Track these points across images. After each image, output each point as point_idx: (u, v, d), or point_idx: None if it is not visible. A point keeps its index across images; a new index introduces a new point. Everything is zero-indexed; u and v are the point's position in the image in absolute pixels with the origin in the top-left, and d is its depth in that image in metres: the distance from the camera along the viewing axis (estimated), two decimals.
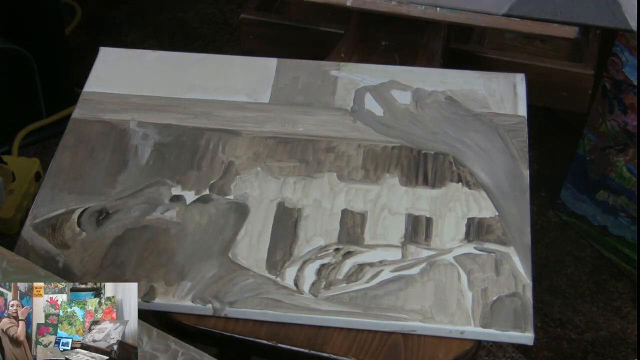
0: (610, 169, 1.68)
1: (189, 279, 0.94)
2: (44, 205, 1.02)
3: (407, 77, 1.16)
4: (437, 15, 1.18)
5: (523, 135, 1.08)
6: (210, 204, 1.02)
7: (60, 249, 0.98)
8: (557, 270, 1.77)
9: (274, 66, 1.18)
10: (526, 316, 0.91)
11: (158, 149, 1.08)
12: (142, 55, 1.21)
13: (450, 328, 0.91)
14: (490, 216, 1.00)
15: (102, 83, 1.16)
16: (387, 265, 0.95)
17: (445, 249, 0.97)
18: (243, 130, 1.10)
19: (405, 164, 1.06)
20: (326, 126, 1.10)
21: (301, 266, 0.96)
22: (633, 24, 1.12)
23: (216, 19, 2.35)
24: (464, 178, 1.04)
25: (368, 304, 0.92)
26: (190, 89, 1.15)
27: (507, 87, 1.14)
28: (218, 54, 1.23)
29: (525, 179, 1.04)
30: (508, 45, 1.47)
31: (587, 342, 1.65)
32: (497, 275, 0.94)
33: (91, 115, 1.12)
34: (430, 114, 1.12)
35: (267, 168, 1.06)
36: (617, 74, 1.58)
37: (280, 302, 0.92)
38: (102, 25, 2.33)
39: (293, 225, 1.00)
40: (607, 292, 1.73)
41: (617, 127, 1.63)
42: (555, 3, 1.14)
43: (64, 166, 1.06)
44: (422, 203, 1.02)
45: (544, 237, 1.82)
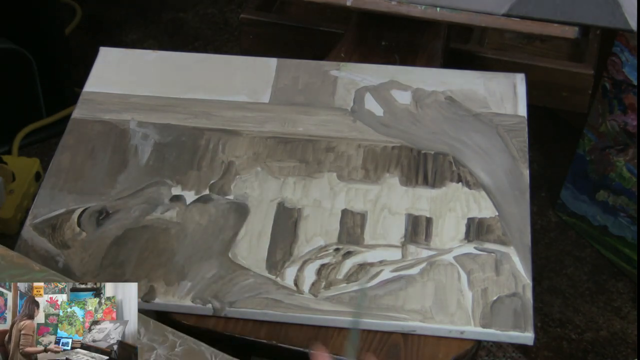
0: (610, 169, 1.68)
1: (189, 279, 0.94)
2: (44, 205, 1.02)
3: (407, 77, 1.16)
4: (437, 15, 1.18)
5: (523, 135, 1.08)
6: (210, 204, 1.02)
7: (60, 249, 0.98)
8: (557, 270, 1.77)
9: (274, 66, 1.18)
10: (526, 316, 0.91)
11: (158, 149, 1.08)
12: (142, 55, 1.21)
13: (450, 328, 0.91)
14: (490, 216, 1.00)
15: (102, 83, 1.16)
16: (387, 265, 0.95)
17: (445, 249, 0.97)
18: (243, 130, 1.10)
19: (405, 164, 1.06)
20: (326, 126, 1.10)
21: (301, 266, 0.96)
22: (633, 24, 1.12)
23: (216, 19, 2.35)
24: (464, 178, 1.04)
25: (368, 304, 0.92)
26: (190, 89, 1.15)
27: (507, 87, 1.14)
28: (218, 54, 1.23)
29: (525, 179, 1.04)
30: (508, 45, 1.47)
31: (587, 342, 1.65)
32: (497, 275, 0.94)
33: (91, 115, 1.12)
34: (430, 114, 1.12)
35: (267, 168, 1.06)
36: (617, 74, 1.58)
37: (280, 302, 0.92)
38: (102, 25, 2.33)
39: (293, 225, 1.00)
40: (607, 292, 1.73)
41: (617, 127, 1.63)
42: (555, 3, 1.14)
43: (64, 166, 1.06)
44: (422, 203, 1.01)
45: (544, 237, 1.82)
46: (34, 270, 0.87)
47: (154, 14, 2.36)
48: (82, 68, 1.36)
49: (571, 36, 1.15)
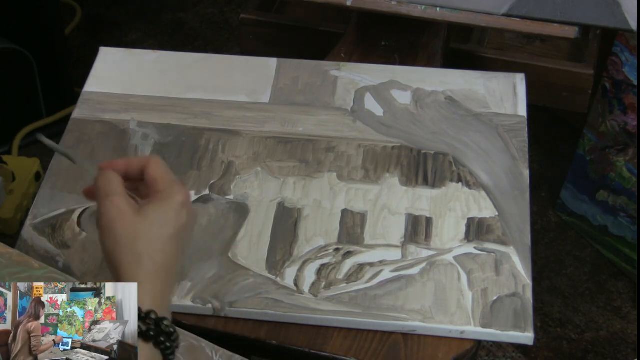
0: (610, 169, 1.68)
1: (189, 279, 0.94)
2: (44, 205, 1.02)
3: (407, 77, 1.16)
4: (437, 15, 1.18)
5: (523, 135, 1.08)
6: (210, 204, 1.02)
7: (60, 249, 0.98)
8: (557, 270, 1.77)
9: (274, 66, 1.18)
10: (526, 316, 0.91)
11: (158, 149, 1.08)
12: (142, 55, 1.21)
13: (450, 328, 0.91)
14: (490, 216, 1.00)
15: (102, 83, 1.16)
16: (387, 265, 0.95)
17: (445, 249, 0.97)
18: (243, 130, 1.10)
19: (405, 164, 1.06)
20: (326, 126, 1.10)
21: (301, 266, 0.96)
22: (633, 24, 1.12)
23: (216, 19, 2.35)
24: (464, 178, 1.04)
25: (368, 304, 0.92)
26: (190, 89, 1.15)
27: (507, 87, 1.14)
28: (218, 54, 1.23)
29: (525, 179, 1.04)
30: (508, 45, 1.46)
31: (587, 342, 1.65)
32: (497, 275, 0.94)
33: (91, 115, 1.12)
34: (430, 114, 1.12)
35: (267, 168, 1.06)
36: (617, 74, 1.58)
37: (280, 302, 0.92)
38: (102, 25, 2.33)
39: (293, 225, 1.00)
40: (607, 292, 1.73)
41: (617, 127, 1.63)
42: (555, 3, 1.14)
43: (64, 166, 1.06)
44: (422, 203, 1.01)
45: (544, 237, 1.82)
46: (34, 268, 0.87)
47: (154, 14, 2.36)
48: (82, 68, 1.36)
49: (571, 36, 1.15)
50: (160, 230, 0.73)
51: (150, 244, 0.72)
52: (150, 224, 0.73)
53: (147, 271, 0.71)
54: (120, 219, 0.73)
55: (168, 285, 0.73)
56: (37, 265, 0.87)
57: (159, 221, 0.73)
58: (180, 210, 0.74)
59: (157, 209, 0.74)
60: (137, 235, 0.72)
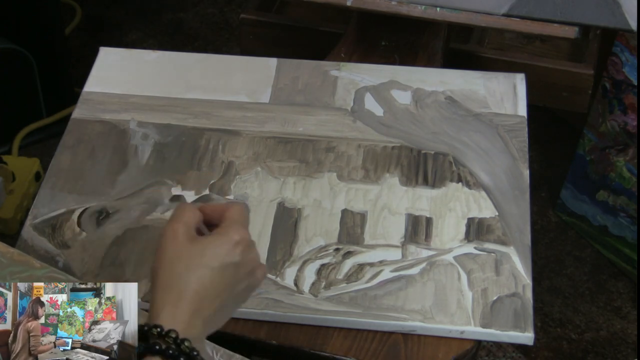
0: (610, 169, 1.68)
1: None
2: (44, 205, 1.02)
3: (407, 77, 1.16)
4: (437, 15, 1.18)
5: (523, 135, 1.08)
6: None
7: (60, 249, 0.98)
8: (557, 270, 1.77)
9: (274, 66, 1.18)
10: (526, 316, 0.91)
11: (158, 149, 1.08)
12: (142, 55, 1.21)
13: (450, 328, 0.91)
14: (490, 216, 1.00)
15: (102, 83, 1.16)
16: (387, 265, 0.95)
17: (445, 249, 0.97)
18: (243, 130, 1.10)
19: (405, 164, 1.06)
20: (326, 126, 1.10)
21: (301, 266, 0.96)
22: (633, 24, 1.12)
23: (216, 19, 2.35)
24: (464, 178, 1.04)
25: (368, 304, 0.92)
26: (190, 89, 1.15)
27: (507, 87, 1.14)
28: (218, 54, 1.23)
29: (525, 179, 1.04)
30: (508, 45, 1.46)
31: (587, 342, 1.65)
32: (497, 275, 0.94)
33: (91, 115, 1.12)
34: (430, 114, 1.12)
35: (267, 168, 1.06)
36: (617, 74, 1.58)
37: (280, 302, 0.92)
38: (102, 25, 2.33)
39: (293, 225, 1.00)
40: (607, 292, 1.73)
41: (617, 127, 1.63)
42: (555, 3, 1.14)
43: (64, 166, 1.06)
44: (422, 203, 1.01)
45: (544, 237, 1.82)
46: (35, 267, 0.87)
47: (154, 14, 2.36)
48: (82, 68, 1.36)
49: (571, 36, 1.15)
50: (205, 259, 0.74)
51: (190, 269, 0.73)
52: (198, 252, 0.74)
53: (179, 292, 0.72)
54: (172, 242, 0.75)
55: (201, 313, 0.72)
56: (38, 264, 0.87)
57: (208, 252, 0.74)
58: (234, 247, 0.75)
59: (211, 241, 0.76)
60: (180, 258, 0.74)
